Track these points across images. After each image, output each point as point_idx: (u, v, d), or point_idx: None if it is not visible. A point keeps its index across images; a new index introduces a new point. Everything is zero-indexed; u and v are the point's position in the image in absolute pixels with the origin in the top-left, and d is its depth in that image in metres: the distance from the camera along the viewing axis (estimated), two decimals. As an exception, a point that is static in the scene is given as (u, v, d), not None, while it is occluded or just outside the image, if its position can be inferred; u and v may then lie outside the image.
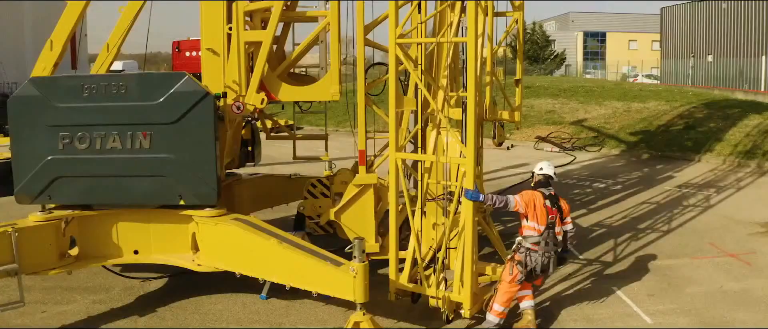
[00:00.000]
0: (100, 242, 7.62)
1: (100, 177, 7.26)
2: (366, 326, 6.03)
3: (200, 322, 7.38)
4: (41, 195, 7.33)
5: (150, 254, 7.68)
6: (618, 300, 7.79)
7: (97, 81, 7.12)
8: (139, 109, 7.07)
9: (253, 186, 9.72)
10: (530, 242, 6.67)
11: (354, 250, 5.98)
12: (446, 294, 6.79)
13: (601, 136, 20.06)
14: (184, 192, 7.19)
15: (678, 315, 7.34)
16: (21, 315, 7.63)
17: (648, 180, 14.88)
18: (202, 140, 7.08)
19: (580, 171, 16.32)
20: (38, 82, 7.28)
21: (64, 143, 7.17)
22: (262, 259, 6.77)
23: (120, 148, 7.14)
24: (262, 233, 6.81)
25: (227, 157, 8.69)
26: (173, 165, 7.12)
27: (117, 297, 8.20)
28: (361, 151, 8.04)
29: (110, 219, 7.58)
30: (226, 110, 7.76)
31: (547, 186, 6.95)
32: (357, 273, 5.97)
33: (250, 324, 7.29)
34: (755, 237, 10.20)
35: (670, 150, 17.63)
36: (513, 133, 22.61)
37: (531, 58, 63.79)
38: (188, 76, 7.04)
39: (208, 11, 7.76)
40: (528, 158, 18.46)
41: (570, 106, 24.10)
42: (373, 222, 8.09)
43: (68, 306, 7.95)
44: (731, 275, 8.57)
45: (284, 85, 7.98)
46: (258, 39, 7.71)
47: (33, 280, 8.47)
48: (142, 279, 8.67)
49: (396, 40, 6.87)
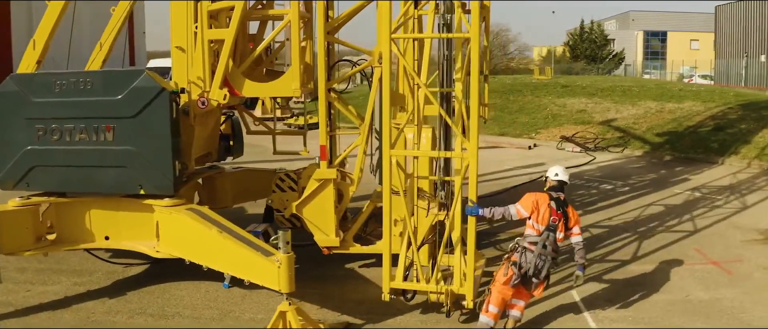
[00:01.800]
0: (74, 227, 8.15)
1: (71, 167, 7.77)
2: (291, 316, 6.25)
3: (160, 306, 7.80)
4: (20, 182, 7.91)
5: (120, 240, 8.16)
6: (572, 303, 7.63)
7: (67, 77, 7.63)
8: (104, 104, 7.53)
9: (235, 179, 10.08)
10: (528, 241, 6.59)
11: (279, 242, 6.23)
12: (449, 288, 6.86)
13: (627, 136, 19.58)
14: (144, 182, 7.62)
15: (628, 322, 7.16)
16: (7, 293, 8.25)
17: (660, 182, 14.49)
18: (159, 133, 7.47)
19: (594, 172, 16.04)
20: (17, 78, 7.87)
21: (39, 135, 7.72)
22: (205, 247, 7.11)
23: (87, 139, 7.62)
24: (207, 223, 7.15)
25: (202, 149, 9.08)
26: (134, 156, 7.55)
27: (97, 281, 8.74)
28: (322, 147, 8.28)
29: (83, 207, 8.09)
30: (192, 105, 8.16)
31: (559, 190, 6.85)
32: (281, 264, 6.21)
33: (203, 310, 7.66)
34: (748, 245, 9.82)
35: (695, 152, 17.06)
36: (539, 132, 22.43)
37: (588, 58, 62.45)
38: (146, 72, 7.47)
39: (176, 11, 8.15)
40: (547, 158, 18.26)
41: (603, 106, 23.60)
42: (332, 216, 8.29)
43: (51, 287, 8.53)
44: (705, 284, 8.25)
45: (247, 81, 8.29)
46: (221, 37, 8.05)
47: (28, 262, 9.18)
48: (126, 265, 9.19)
49: (390, 35, 6.79)
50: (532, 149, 20.29)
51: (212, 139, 9.43)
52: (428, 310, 7.40)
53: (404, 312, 7.38)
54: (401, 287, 7.11)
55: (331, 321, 7.09)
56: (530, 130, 22.76)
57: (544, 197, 6.71)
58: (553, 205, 6.66)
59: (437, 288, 6.93)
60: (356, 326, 7.04)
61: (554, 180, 6.93)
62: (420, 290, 7.15)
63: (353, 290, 8.12)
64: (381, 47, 7.13)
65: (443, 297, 6.91)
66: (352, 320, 7.17)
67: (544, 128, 22.60)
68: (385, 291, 6.98)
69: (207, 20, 8.04)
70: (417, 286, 7.10)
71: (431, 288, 6.97)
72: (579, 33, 64.58)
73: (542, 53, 68.05)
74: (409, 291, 7.23)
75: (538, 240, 6.55)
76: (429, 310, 7.40)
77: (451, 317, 7.05)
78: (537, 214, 6.60)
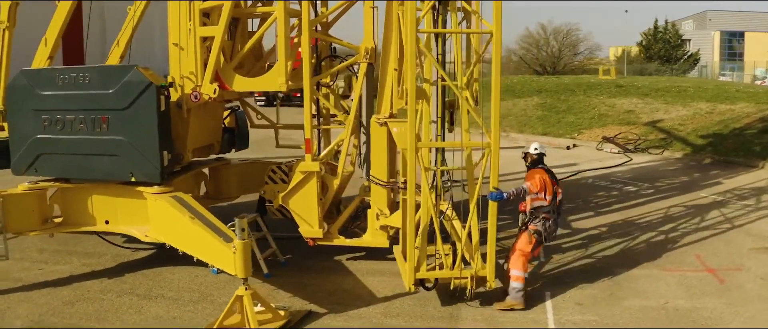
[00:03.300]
0: (78, 211, 8.79)
1: (72, 155, 8.39)
2: (247, 301, 6.55)
3: (148, 287, 8.27)
4: (29, 168, 8.60)
5: (117, 225, 8.74)
6: (540, 306, 7.49)
7: (68, 72, 8.25)
8: (99, 97, 8.09)
9: (240, 171, 10.50)
10: (542, 212, 7.53)
11: (235, 229, 6.55)
12: (471, 272, 7.23)
13: (670, 138, 18.88)
14: (135, 170, 8.14)
15: (586, 324, 7.02)
16: (22, 270, 8.96)
17: (689, 185, 13.94)
18: (147, 125, 7.97)
19: (625, 173, 15.60)
20: (26, 73, 8.55)
21: (45, 125, 8.38)
22: (179, 232, 7.55)
23: (86, 130, 8.22)
24: (183, 209, 7.57)
25: (202, 141, 9.53)
26: (125, 146, 8.08)
27: (104, 262, 9.34)
28: (307, 140, 8.56)
29: (85, 192, 8.71)
30: (185, 98, 8.61)
31: (541, 162, 7.79)
32: (237, 249, 6.52)
33: (184, 293, 8.06)
34: (754, 253, 9.32)
35: (736, 155, 16.26)
36: (582, 132, 21.92)
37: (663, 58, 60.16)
38: (136, 68, 7.96)
39: (172, 10, 8.63)
40: (583, 158, 17.90)
41: (652, 106, 22.80)
42: (315, 207, 8.55)
43: (62, 266, 9.18)
44: (691, 291, 7.91)
45: (237, 76, 8.68)
46: (211, 34, 8.46)
47: (49, 244, 9.94)
48: (134, 249, 9.76)
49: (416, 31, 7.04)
50: (570, 149, 19.89)
51: (213, 132, 9.88)
52: (390, 300, 7.61)
53: (370, 303, 7.56)
54: (428, 277, 7.32)
55: (296, 308, 7.35)
56: (574, 129, 22.28)
57: (543, 172, 7.66)
58: (549, 177, 7.64)
59: (461, 274, 7.23)
60: (318, 314, 7.25)
61: (535, 153, 7.85)
62: (444, 277, 7.34)
63: (331, 281, 8.34)
64: (405, 43, 7.29)
65: (468, 281, 7.23)
66: (316, 309, 7.39)
67: (588, 128, 22.07)
68: (410, 282, 7.23)
69: (199, 18, 8.48)
70: (441, 274, 7.34)
71: (455, 274, 7.26)
72: (653, 33, 62.25)
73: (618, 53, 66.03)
74: (428, 280, 7.41)
75: (550, 209, 7.55)
76: (391, 300, 7.60)
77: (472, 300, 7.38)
78: (543, 189, 7.52)
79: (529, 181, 7.58)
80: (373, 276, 8.46)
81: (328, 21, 9.66)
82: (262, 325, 6.60)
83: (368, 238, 8.71)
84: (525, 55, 65.47)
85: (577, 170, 15.87)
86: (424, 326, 6.93)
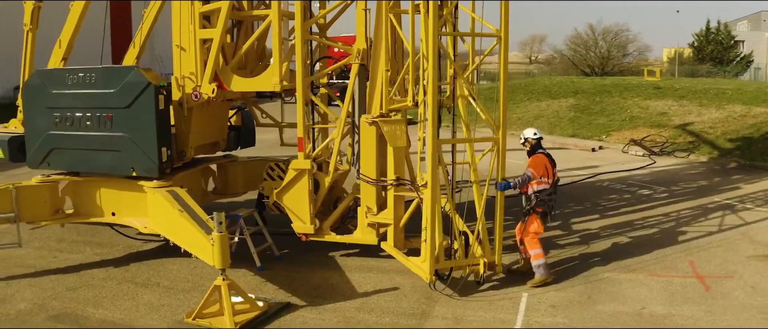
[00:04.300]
0: (87, 203, 9.34)
1: (80, 150, 8.92)
2: (224, 291, 6.90)
3: (147, 276, 8.73)
4: (43, 162, 9.19)
5: (122, 217, 9.24)
6: (512, 305, 7.56)
7: (77, 72, 8.77)
8: (104, 96, 8.59)
9: (247, 168, 10.90)
10: (545, 194, 8.27)
11: (214, 222, 6.89)
12: (483, 259, 7.92)
13: (698, 141, 18.49)
14: (135, 165, 8.61)
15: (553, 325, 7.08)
16: (37, 258, 9.58)
17: (705, 190, 13.68)
18: (146, 122, 8.42)
19: (644, 176, 15.38)
20: (41, 73, 9.14)
21: (56, 122, 8.94)
22: (169, 224, 7.96)
23: (92, 126, 8.73)
24: (174, 202, 7.97)
25: (207, 138, 9.94)
26: (127, 142, 8.56)
27: (114, 252, 9.87)
28: (300, 139, 8.86)
29: (94, 185, 9.26)
30: (186, 97, 9.04)
31: (540, 146, 8.49)
32: (215, 242, 6.87)
33: (179, 282, 8.48)
34: (751, 261, 9.10)
35: (762, 159, 15.83)
36: (610, 134, 21.64)
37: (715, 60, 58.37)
38: (136, 68, 8.43)
39: (176, 13, 9.07)
40: (606, 160, 17.71)
41: (686, 109, 22.31)
42: (307, 204, 8.85)
43: (75, 255, 9.76)
44: (672, 298, 7.79)
45: (235, 76, 9.06)
46: (210, 36, 8.86)
47: (68, 235, 10.59)
48: (145, 240, 10.26)
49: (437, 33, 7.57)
50: (596, 151, 19.69)
51: (218, 130, 10.29)
52: (369, 295, 7.86)
53: (349, 298, 7.81)
54: (446, 266, 7.86)
55: (276, 300, 7.66)
56: (603, 131, 22.02)
57: (544, 157, 8.36)
58: (548, 161, 8.32)
59: (471, 262, 7.92)
60: (296, 306, 7.54)
61: (534, 138, 8.52)
62: (460, 265, 7.94)
63: (318, 275, 8.62)
64: (423, 45, 7.71)
65: (480, 268, 7.90)
66: (297, 301, 7.68)
67: (617, 130, 21.79)
68: (431, 273, 7.68)
69: (199, 21, 8.89)
70: (456, 263, 7.92)
71: (470, 262, 7.92)
72: (705, 34, 60.43)
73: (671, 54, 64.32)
74: (443, 270, 7.88)
75: (551, 191, 8.31)
76: (370, 296, 7.84)
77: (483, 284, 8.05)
78: (545, 173, 8.22)
79: (533, 168, 8.25)
80: (360, 272, 8.71)
81: (325, 22, 9.95)
82: (238, 314, 6.93)
83: (358, 235, 8.96)
84: (573, 56, 64.38)
85: (595, 173, 15.74)
86: (393, 322, 7.13)
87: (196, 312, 6.97)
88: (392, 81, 8.87)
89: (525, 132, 8.67)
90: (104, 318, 7.35)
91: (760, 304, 7.51)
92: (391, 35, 8.74)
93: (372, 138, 8.68)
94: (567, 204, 12.55)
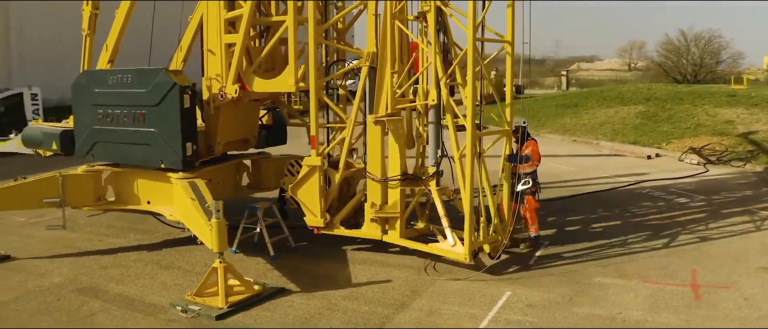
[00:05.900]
0: (126, 192, 10.34)
1: (118, 144, 9.91)
2: (220, 273, 7.57)
3: (171, 260, 9.59)
4: (88, 154, 10.26)
5: (156, 205, 10.16)
6: (490, 303, 7.72)
7: (116, 73, 9.76)
8: (138, 95, 9.51)
9: (278, 164, 11.58)
10: (533, 175, 9.79)
11: (212, 209, 7.59)
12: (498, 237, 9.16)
13: (758, 150, 17.68)
14: (164, 158, 9.48)
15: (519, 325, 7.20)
16: (83, 241, 10.68)
17: (747, 199, 13.14)
18: (172, 119, 9.25)
19: (688, 185, 14.94)
20: (86, 73, 10.23)
21: (99, 118, 9.97)
22: (185, 211, 8.73)
23: (128, 122, 9.69)
24: (190, 192, 8.73)
25: (236, 135, 10.70)
26: (157, 137, 9.44)
27: (152, 238, 10.85)
28: (313, 137, 9.45)
29: (132, 176, 10.23)
30: (213, 97, 9.86)
31: (529, 134, 9.83)
32: (213, 227, 7.56)
33: (196, 266, 9.26)
34: (758, 273, 8.78)
35: (822, 172, 15.02)
36: (671, 142, 20.98)
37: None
38: (163, 70, 9.29)
39: (205, 20, 9.89)
40: (659, 168, 17.27)
41: (755, 117, 21.23)
42: (318, 198, 9.42)
43: (118, 240, 10.80)
44: (656, 305, 7.70)
45: (256, 78, 9.76)
46: (234, 40, 9.61)
47: (118, 222, 11.71)
48: (182, 228, 11.13)
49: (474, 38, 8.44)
50: (651, 159, 19.19)
51: (248, 128, 11.03)
52: (360, 286, 8.32)
53: (340, 287, 8.30)
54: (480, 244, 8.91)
55: (272, 285, 8.28)
56: (664, 139, 21.39)
57: (536, 144, 9.90)
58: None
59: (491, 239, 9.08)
60: (289, 291, 8.12)
61: (525, 125, 9.79)
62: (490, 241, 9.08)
63: (323, 267, 9.16)
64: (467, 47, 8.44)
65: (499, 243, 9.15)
66: (292, 287, 8.26)
67: (678, 138, 21.08)
68: (468, 253, 8.49)
69: (225, 26, 9.67)
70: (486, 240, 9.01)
71: (497, 238, 9.15)
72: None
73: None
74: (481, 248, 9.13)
75: (536, 171, 9.87)
76: (360, 287, 8.30)
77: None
78: (537, 156, 9.76)
79: (532, 153, 9.71)
80: (361, 265, 9.18)
81: (344, 26, 10.53)
82: (234, 295, 7.60)
83: (365, 230, 9.45)
84: (664, 63, 61.77)
85: (640, 180, 15.47)
86: (371, 310, 7.51)
87: (196, 290, 7.70)
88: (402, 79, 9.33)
89: (516, 119, 9.87)
90: (121, 293, 8.21)
91: (745, 316, 7.35)
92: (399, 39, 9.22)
93: (378, 136, 9.16)
94: (595, 209, 12.52)
